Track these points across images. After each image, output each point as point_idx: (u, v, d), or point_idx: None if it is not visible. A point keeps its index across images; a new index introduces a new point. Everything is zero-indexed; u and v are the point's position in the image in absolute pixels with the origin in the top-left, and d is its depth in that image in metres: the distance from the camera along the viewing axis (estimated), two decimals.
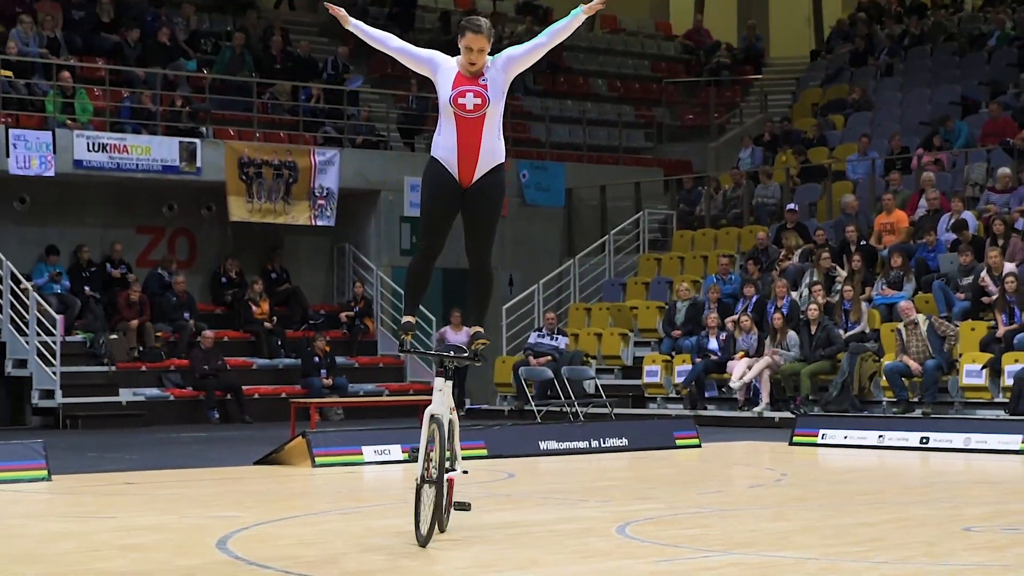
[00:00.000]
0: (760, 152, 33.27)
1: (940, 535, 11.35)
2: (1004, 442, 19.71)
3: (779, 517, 12.85)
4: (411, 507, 10.30)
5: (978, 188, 28.00)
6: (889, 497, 14.79)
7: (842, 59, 37.26)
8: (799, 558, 10.03)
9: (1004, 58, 33.72)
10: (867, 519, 12.52)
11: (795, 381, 24.66)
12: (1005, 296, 23.46)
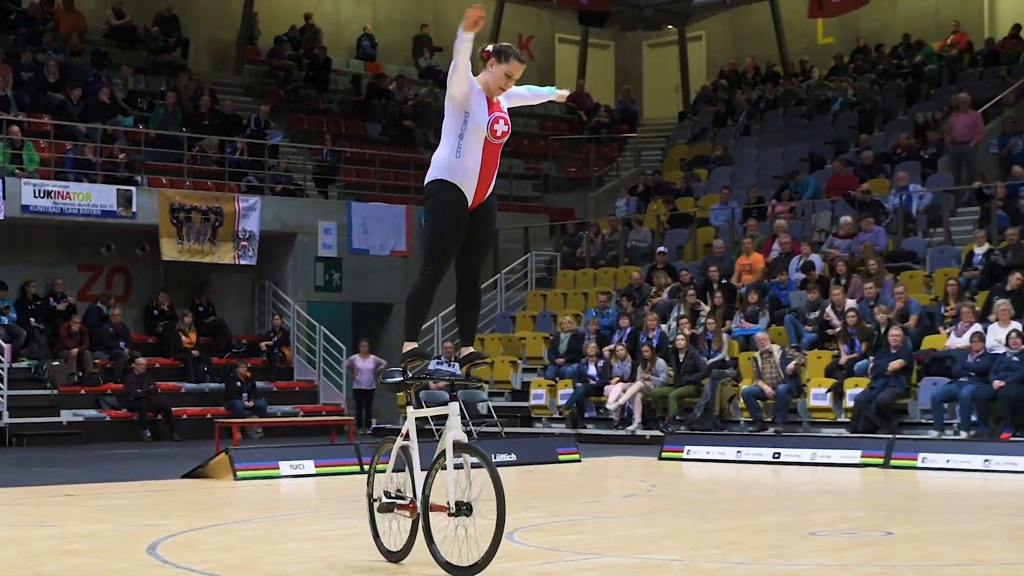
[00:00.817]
0: (634, 201, 33.43)
1: (789, 539, 11.43)
2: (845, 456, 19.93)
3: (649, 523, 12.89)
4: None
5: (824, 234, 28.26)
6: (745, 505, 14.86)
7: (706, 120, 37.54)
8: (666, 559, 10.07)
9: (846, 121, 34.09)
10: (726, 525, 12.59)
11: (664, 403, 24.76)
12: (847, 329, 23.68)
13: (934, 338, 23.19)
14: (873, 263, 25.23)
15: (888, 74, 36.08)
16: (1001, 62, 34.19)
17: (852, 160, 31.00)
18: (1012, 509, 14.37)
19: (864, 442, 20.65)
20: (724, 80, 39.06)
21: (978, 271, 24.51)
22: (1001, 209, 26.34)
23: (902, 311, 23.77)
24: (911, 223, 27.95)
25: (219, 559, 10.25)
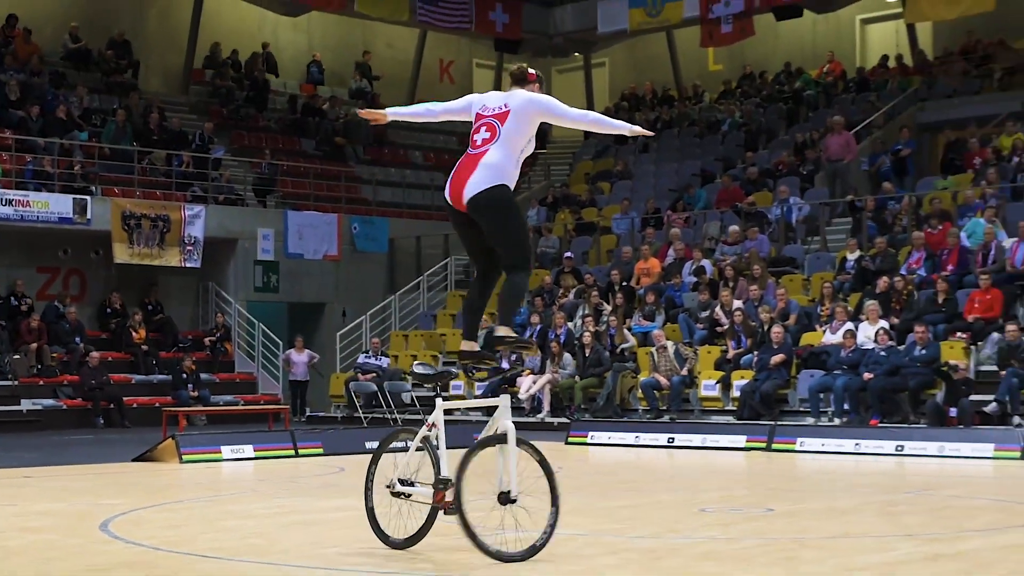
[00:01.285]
0: (544, 211, 33.48)
1: (682, 515, 11.49)
2: (732, 441, 20.07)
3: None
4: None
5: (714, 241, 28.43)
6: (643, 485, 14.93)
7: (608, 139, 37.62)
8: (572, 534, 10.08)
9: (734, 140, 34.31)
10: (626, 503, 12.64)
11: (570, 393, 24.81)
12: (734, 326, 23.84)
13: (811, 335, 23.37)
14: (757, 268, 25.40)
15: (771, 98, 36.35)
16: (871, 88, 34.53)
17: (739, 175, 31.20)
18: (880, 488, 14.51)
19: (749, 428, 20.79)
20: (625, 103, 39.19)
21: (850, 275, 24.74)
22: (871, 220, 26.61)
23: (783, 311, 23.95)
24: (791, 232, 28.17)
25: (166, 535, 10.18)
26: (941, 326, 22.10)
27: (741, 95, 37.38)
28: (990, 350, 21.41)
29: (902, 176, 29.35)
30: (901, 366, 21.13)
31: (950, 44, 35.53)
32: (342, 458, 18.69)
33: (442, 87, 41.83)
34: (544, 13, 38.86)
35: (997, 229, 23.80)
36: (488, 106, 8.80)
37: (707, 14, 33.66)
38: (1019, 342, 20.71)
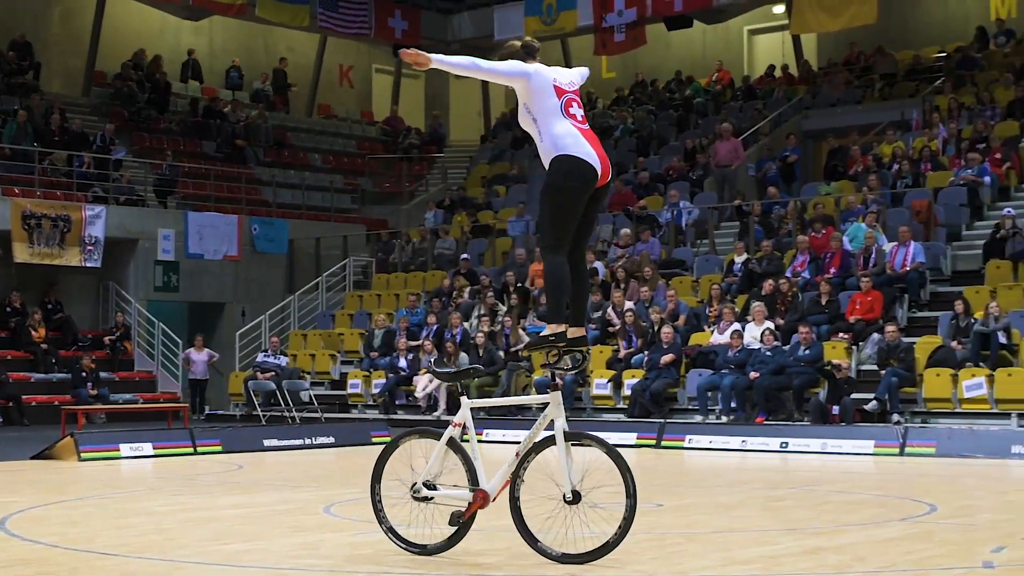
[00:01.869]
0: (441, 214, 33.45)
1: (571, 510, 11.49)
2: (623, 438, 20.18)
3: None
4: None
5: (606, 244, 28.55)
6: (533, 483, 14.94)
7: (505, 143, 37.68)
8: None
9: (627, 145, 34.49)
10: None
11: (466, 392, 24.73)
12: (625, 327, 23.96)
13: (700, 335, 23.56)
14: (648, 270, 25.55)
15: (662, 105, 36.62)
16: (758, 97, 34.91)
17: (631, 180, 31.37)
18: (765, 483, 14.66)
19: (639, 426, 20.93)
20: None
21: (738, 277, 24.97)
22: (758, 224, 26.89)
23: (673, 311, 24.11)
24: (681, 235, 28.38)
25: (64, 532, 10.04)
26: (824, 327, 22.38)
27: (633, 102, 37.61)
28: (871, 350, 21.73)
29: (788, 182, 29.69)
30: (786, 365, 21.36)
31: (834, 55, 36.02)
32: (241, 455, 18.58)
33: (342, 91, 41.72)
34: (442, 20, 38.87)
35: (878, 233, 24.14)
36: (562, 81, 8.60)
37: (601, 23, 33.82)
38: (898, 342, 21.03)
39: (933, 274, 23.61)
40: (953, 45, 33.44)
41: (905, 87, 32.55)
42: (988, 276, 22.87)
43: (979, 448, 17.86)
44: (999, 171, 26.01)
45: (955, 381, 20.24)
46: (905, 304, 22.99)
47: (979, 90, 29.79)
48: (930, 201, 24.95)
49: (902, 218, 24.76)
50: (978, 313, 21.02)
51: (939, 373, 20.42)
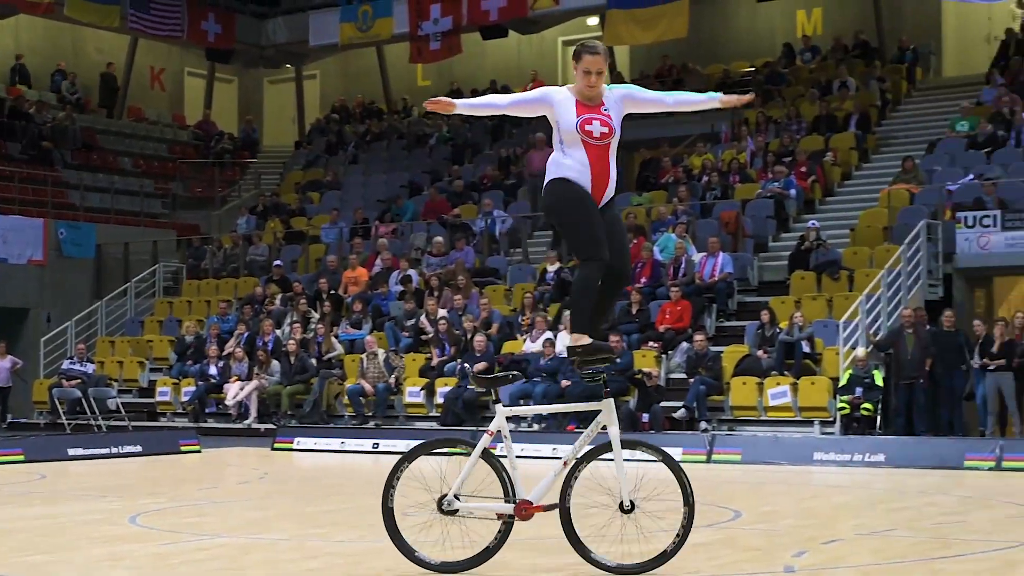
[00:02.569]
0: (254, 219, 33.12)
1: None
2: None
3: (262, 507, 12.81)
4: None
5: (420, 252, 28.57)
6: (347, 490, 14.92)
7: (319, 149, 37.48)
8: (276, 539, 10.03)
9: (441, 153, 34.58)
10: (330, 507, 12.62)
11: (277, 399, 24.58)
12: (439, 335, 24.00)
13: (513, 343, 23.71)
14: (462, 278, 25.64)
15: None
16: None
17: (446, 188, 31.46)
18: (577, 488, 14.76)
19: (451, 433, 20.95)
20: (336, 114, 39.13)
21: (550, 286, 25.18)
22: None
23: (486, 320, 24.23)
24: (495, 244, 28.53)
25: None
26: (634, 335, 22.71)
27: None
28: (679, 359, 22.11)
29: None
30: None
31: (646, 67, 36.55)
32: (44, 465, 18.15)
33: (153, 94, 41.05)
34: (257, 24, 38.50)
35: (687, 244, 24.58)
36: None
37: (416, 31, 33.86)
38: (706, 351, 21.44)
39: (740, 284, 24.12)
40: (761, 60, 34.21)
41: None
42: (793, 287, 23.44)
43: (783, 455, 18.28)
44: (804, 184, 26.68)
45: (761, 389, 20.71)
46: (713, 314, 23.44)
47: (786, 105, 30.54)
48: (738, 213, 25.49)
49: (711, 229, 25.25)
50: (783, 323, 21.53)
51: (745, 381, 20.87)
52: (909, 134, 29.31)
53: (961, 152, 26.42)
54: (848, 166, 28.15)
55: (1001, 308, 23.72)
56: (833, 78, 31.27)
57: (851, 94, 30.15)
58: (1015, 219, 22.31)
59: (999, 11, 32.13)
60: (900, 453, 17.86)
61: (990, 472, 16.99)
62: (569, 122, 8.22)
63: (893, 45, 32.70)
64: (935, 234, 22.92)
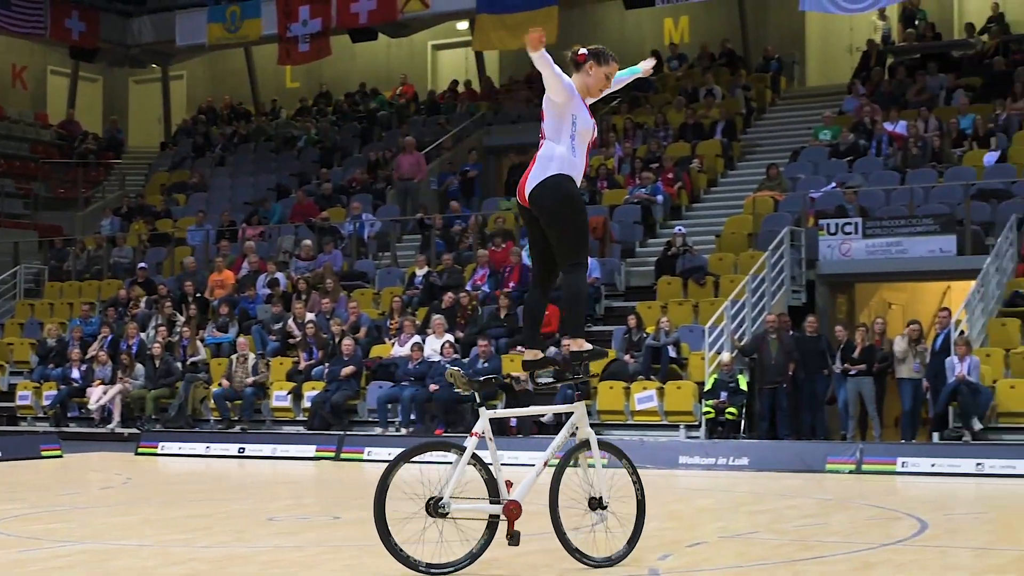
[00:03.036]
0: (118, 221, 32.66)
1: (249, 524, 11.43)
2: (302, 451, 20.21)
3: (125, 512, 12.63)
4: None
5: (288, 255, 28.38)
6: (212, 495, 14.78)
7: (185, 150, 37.09)
8: (139, 545, 9.90)
9: (310, 156, 34.39)
10: (194, 512, 12.48)
11: (142, 403, 24.26)
12: (306, 338, 23.86)
13: (381, 347, 23.65)
14: (330, 281, 25.53)
15: (346, 117, 36.66)
16: (441, 111, 35.30)
17: (314, 191, 31.30)
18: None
19: (319, 438, 20.89)
20: (203, 116, 38.74)
21: (419, 290, 25.17)
22: (439, 237, 27.17)
23: (354, 324, 24.14)
24: (363, 247, 28.44)
25: None
26: (503, 340, 22.78)
27: (317, 113, 37.54)
28: None
29: (469, 196, 30.13)
30: None
31: (515, 72, 36.71)
32: None
33: (15, 93, 40.29)
34: (122, 23, 37.91)
35: None
36: None
37: (285, 33, 33.62)
38: None
39: (608, 289, 24.29)
40: None
41: None
42: (660, 292, 23.67)
43: (649, 459, 18.43)
44: (671, 190, 26.97)
45: (627, 394, 20.89)
46: None
47: (653, 111, 30.85)
48: (606, 218, 25.68)
49: None
50: (650, 328, 21.73)
51: (612, 386, 21.03)
52: (773, 142, 29.80)
53: (824, 160, 26.90)
54: (714, 173, 28.53)
55: (862, 314, 24.20)
56: (700, 86, 31.68)
57: (717, 102, 30.56)
58: (876, 227, 22.75)
59: (861, 22, 32.79)
60: (763, 456, 18.14)
61: (850, 475, 17.31)
62: (587, 122, 8.36)
63: (758, 54, 33.23)
64: (798, 241, 23.29)
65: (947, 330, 19.75)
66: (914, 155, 25.57)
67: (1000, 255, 21.49)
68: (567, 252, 8.28)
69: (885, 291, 25.43)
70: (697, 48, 34.05)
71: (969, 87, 28.30)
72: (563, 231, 8.23)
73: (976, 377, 18.93)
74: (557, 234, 8.26)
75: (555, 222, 8.23)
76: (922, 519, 11.61)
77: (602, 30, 36.85)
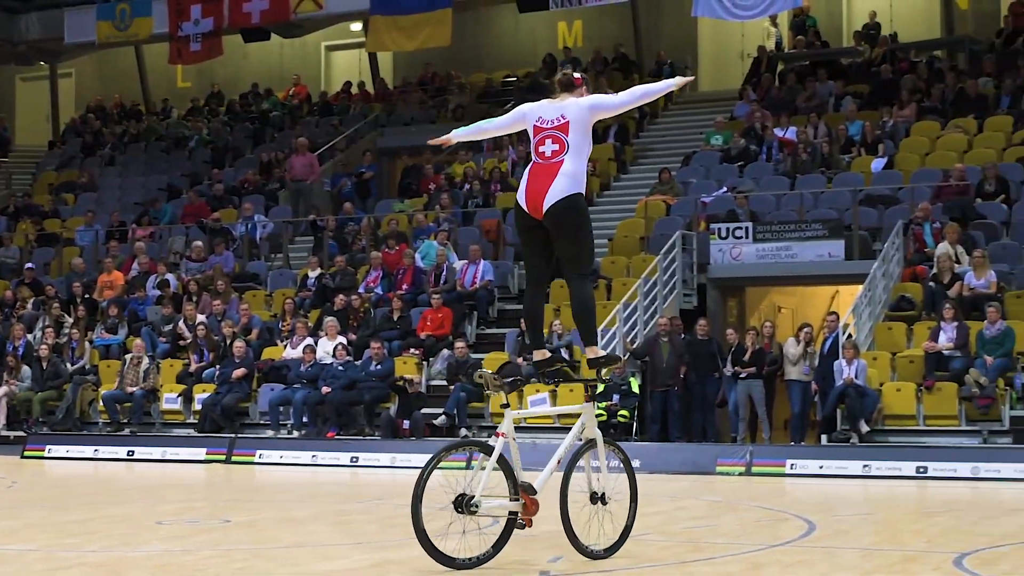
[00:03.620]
0: (4, 220, 32.13)
1: (138, 528, 11.32)
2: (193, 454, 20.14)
3: (10, 517, 12.43)
4: None
5: (179, 256, 28.11)
6: (100, 499, 14.61)
7: (74, 149, 36.58)
8: (24, 550, 9.76)
9: (201, 156, 34.09)
10: (82, 517, 12.33)
11: (28, 406, 23.88)
12: (197, 340, 23.66)
13: (273, 349, 23.50)
14: (222, 283, 25.34)
15: (238, 117, 36.39)
16: (334, 112, 35.17)
17: (205, 191, 31.03)
18: (335, 498, 14.77)
19: (209, 441, 20.76)
20: (92, 114, 38.24)
21: (311, 292, 25.04)
22: (332, 239, 27.06)
23: (246, 325, 23.97)
24: (255, 248, 28.25)
25: None
26: (396, 342, 22.74)
27: (209, 113, 37.22)
28: (440, 365, 22.22)
29: (362, 198, 30.04)
30: (357, 380, 21.58)
31: (409, 74, 36.68)
32: None
33: None
34: (8, 20, 37.27)
35: (449, 251, 24.72)
36: (545, 118, 8.88)
37: (176, 31, 33.26)
38: (467, 358, 21.59)
39: (501, 292, 24.35)
40: (524, 70, 34.63)
41: (477, 109, 33.44)
42: (552, 295, 23.73)
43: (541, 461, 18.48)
44: None
45: (520, 396, 20.92)
46: (474, 321, 23.62)
47: None
48: (499, 221, 25.75)
49: (472, 237, 25.46)
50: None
51: None
52: (666, 146, 30.05)
53: (715, 165, 27.17)
54: (607, 176, 28.69)
55: (752, 317, 24.47)
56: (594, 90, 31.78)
57: None
58: (766, 231, 23.02)
59: (752, 28, 33.15)
60: (655, 459, 18.26)
61: (740, 477, 17.51)
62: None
63: (651, 59, 33.46)
64: (690, 245, 23.49)
65: (835, 334, 20.03)
66: (804, 161, 25.92)
67: (887, 260, 21.84)
68: (579, 263, 8.93)
69: (775, 295, 25.74)
70: (591, 52, 34.22)
71: (857, 94, 28.74)
72: (579, 244, 8.85)
73: (863, 380, 19.22)
74: (572, 247, 8.86)
75: (571, 236, 8.80)
76: (810, 520, 11.77)
77: (496, 33, 36.99)
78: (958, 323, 19.62)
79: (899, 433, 19.31)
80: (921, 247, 22.13)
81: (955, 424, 19.10)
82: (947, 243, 21.34)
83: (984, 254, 20.79)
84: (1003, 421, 18.96)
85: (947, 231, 21.50)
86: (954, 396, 19.03)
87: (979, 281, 20.55)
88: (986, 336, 19.41)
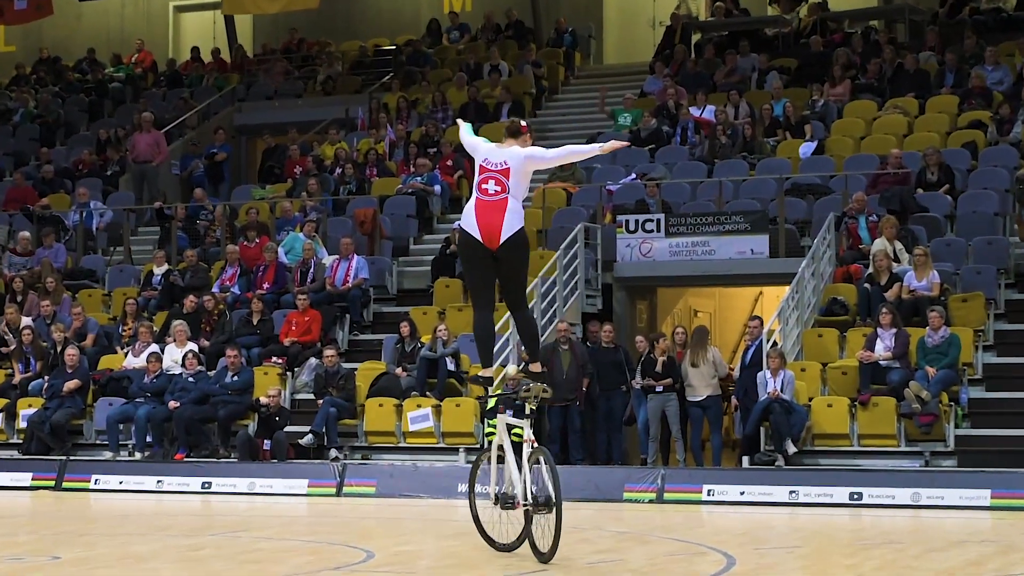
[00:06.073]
0: None
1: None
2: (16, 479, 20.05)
3: None
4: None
5: (1, 249, 27.69)
6: None
7: None
8: None
9: (28, 133, 33.62)
10: None
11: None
12: (22, 347, 23.33)
13: (112, 358, 23.25)
14: (51, 280, 25.02)
15: (72, 88, 35.93)
16: (184, 84, 34.87)
17: (33, 174, 30.61)
18: (184, 530, 14.61)
19: (36, 464, 20.47)
20: None
21: (157, 291, 24.80)
22: (181, 230, 26.80)
23: (80, 330, 23.67)
24: (91, 240, 27.92)
25: None
26: (256, 350, 22.57)
27: (37, 82, 36.71)
28: (307, 377, 22.08)
29: (217, 183, 29.80)
30: (211, 394, 21.39)
31: (272, 41, 36.48)
32: None
33: None
34: None
35: (317, 245, 24.58)
36: (491, 160, 11.08)
37: None
38: (338, 368, 21.46)
39: (377, 292, 24.27)
40: (403, 38, 34.56)
41: (351, 82, 33.33)
42: (437, 296, 23.71)
43: (423, 487, 18.48)
44: (451, 179, 27.04)
45: (399, 412, 20.87)
46: (346, 325, 23.52)
47: (431, 89, 30.89)
48: (375, 210, 25.64)
49: (345, 228, 25.34)
50: (425, 337, 21.74)
51: (382, 403, 20.98)
52: (567, 126, 30.05)
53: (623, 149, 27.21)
54: None
55: (664, 322, 24.58)
56: (484, 61, 31.87)
57: (503, 79, 30.75)
58: (680, 224, 23.10)
59: None
60: None
61: (651, 504, 17.58)
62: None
63: (550, 27, 33.54)
64: (594, 239, 23.54)
65: (758, 341, 20.15)
66: (723, 144, 26.09)
67: (817, 258, 22.01)
68: (523, 289, 11.36)
69: (691, 297, 25.90)
70: (481, 18, 34.25)
71: (783, 69, 28.99)
72: (524, 274, 11.28)
73: (790, 394, 19.35)
74: (519, 278, 11.28)
75: (520, 266, 11.21)
76: (729, 554, 11.83)
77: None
78: (897, 330, 19.80)
79: (830, 455, 19.46)
80: (855, 243, 22.34)
81: (893, 444, 19.29)
82: (884, 239, 21.56)
83: (926, 252, 21.00)
84: (947, 441, 19.15)
85: (884, 225, 21.72)
86: (892, 413, 19.21)
87: (920, 282, 20.79)
88: (928, 345, 19.61)
